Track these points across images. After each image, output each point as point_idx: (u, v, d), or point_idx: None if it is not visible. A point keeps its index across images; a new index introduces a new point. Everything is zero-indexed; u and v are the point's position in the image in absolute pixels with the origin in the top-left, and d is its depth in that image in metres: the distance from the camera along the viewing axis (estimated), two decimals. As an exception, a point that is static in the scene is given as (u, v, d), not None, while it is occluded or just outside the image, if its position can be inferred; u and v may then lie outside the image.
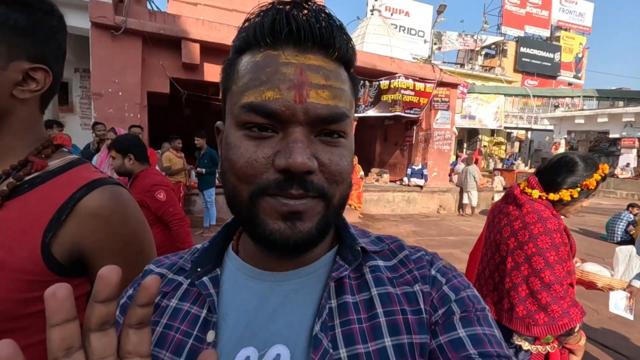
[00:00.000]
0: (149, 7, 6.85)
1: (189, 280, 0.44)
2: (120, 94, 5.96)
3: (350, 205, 7.85)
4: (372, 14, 14.40)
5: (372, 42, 13.14)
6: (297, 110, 0.36)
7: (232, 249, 0.47)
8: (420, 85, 8.42)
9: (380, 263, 0.45)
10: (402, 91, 8.25)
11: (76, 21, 6.00)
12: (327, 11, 0.38)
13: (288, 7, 0.37)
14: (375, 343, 0.38)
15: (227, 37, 6.62)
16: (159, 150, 6.21)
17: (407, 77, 8.31)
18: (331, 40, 0.38)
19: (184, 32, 6.23)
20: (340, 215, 0.43)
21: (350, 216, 7.54)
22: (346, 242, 0.45)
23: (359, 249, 0.44)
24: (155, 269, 0.48)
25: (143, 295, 0.26)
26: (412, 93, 8.37)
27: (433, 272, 0.44)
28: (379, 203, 8.80)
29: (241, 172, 0.37)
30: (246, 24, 0.39)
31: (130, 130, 4.48)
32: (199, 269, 0.44)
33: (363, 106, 8.49)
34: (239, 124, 0.38)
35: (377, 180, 9.58)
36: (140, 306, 0.27)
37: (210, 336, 0.39)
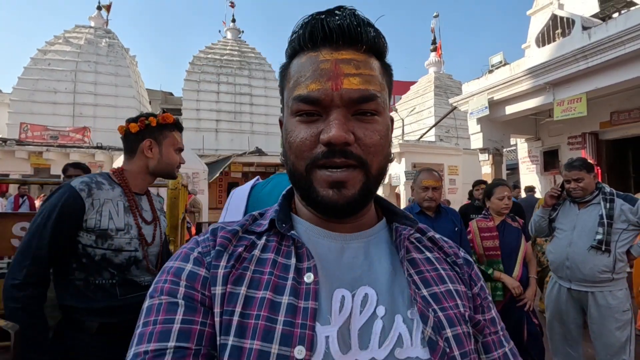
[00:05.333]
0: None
1: (264, 237, 0.50)
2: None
3: None
4: None
5: None
6: (334, 96, 0.45)
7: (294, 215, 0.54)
8: None
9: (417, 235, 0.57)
10: None
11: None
12: (355, 13, 0.47)
13: (323, 15, 0.47)
14: (443, 286, 0.50)
15: None
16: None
17: None
18: (359, 37, 0.46)
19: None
20: (379, 185, 0.50)
21: None
22: (399, 213, 0.56)
23: (412, 217, 0.55)
24: (228, 226, 0.51)
25: None
26: None
27: (462, 254, 0.58)
28: None
29: (298, 150, 0.47)
30: (294, 36, 0.49)
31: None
32: (284, 225, 0.50)
33: None
34: (293, 113, 0.48)
35: None
36: None
37: (309, 278, 0.45)
